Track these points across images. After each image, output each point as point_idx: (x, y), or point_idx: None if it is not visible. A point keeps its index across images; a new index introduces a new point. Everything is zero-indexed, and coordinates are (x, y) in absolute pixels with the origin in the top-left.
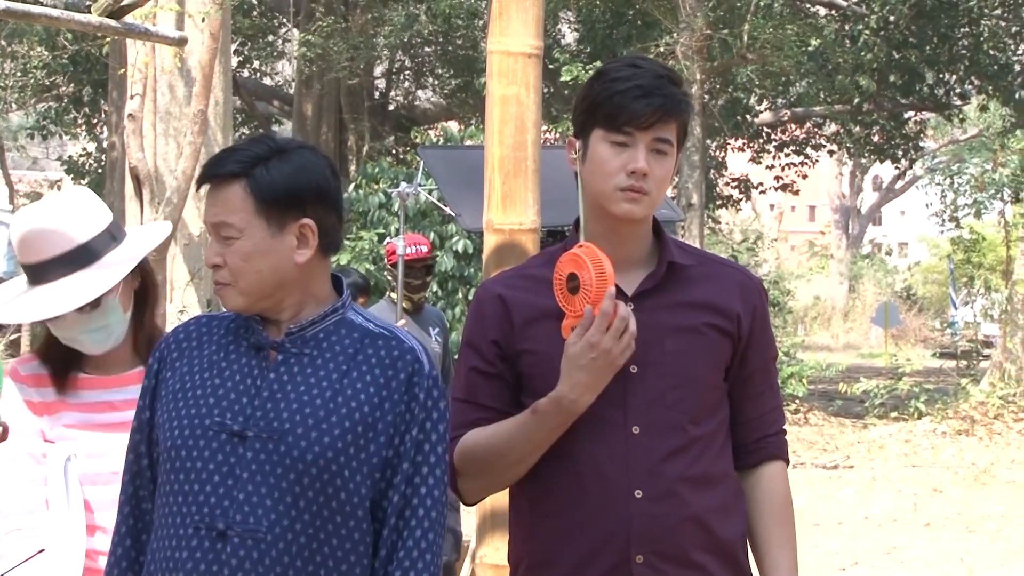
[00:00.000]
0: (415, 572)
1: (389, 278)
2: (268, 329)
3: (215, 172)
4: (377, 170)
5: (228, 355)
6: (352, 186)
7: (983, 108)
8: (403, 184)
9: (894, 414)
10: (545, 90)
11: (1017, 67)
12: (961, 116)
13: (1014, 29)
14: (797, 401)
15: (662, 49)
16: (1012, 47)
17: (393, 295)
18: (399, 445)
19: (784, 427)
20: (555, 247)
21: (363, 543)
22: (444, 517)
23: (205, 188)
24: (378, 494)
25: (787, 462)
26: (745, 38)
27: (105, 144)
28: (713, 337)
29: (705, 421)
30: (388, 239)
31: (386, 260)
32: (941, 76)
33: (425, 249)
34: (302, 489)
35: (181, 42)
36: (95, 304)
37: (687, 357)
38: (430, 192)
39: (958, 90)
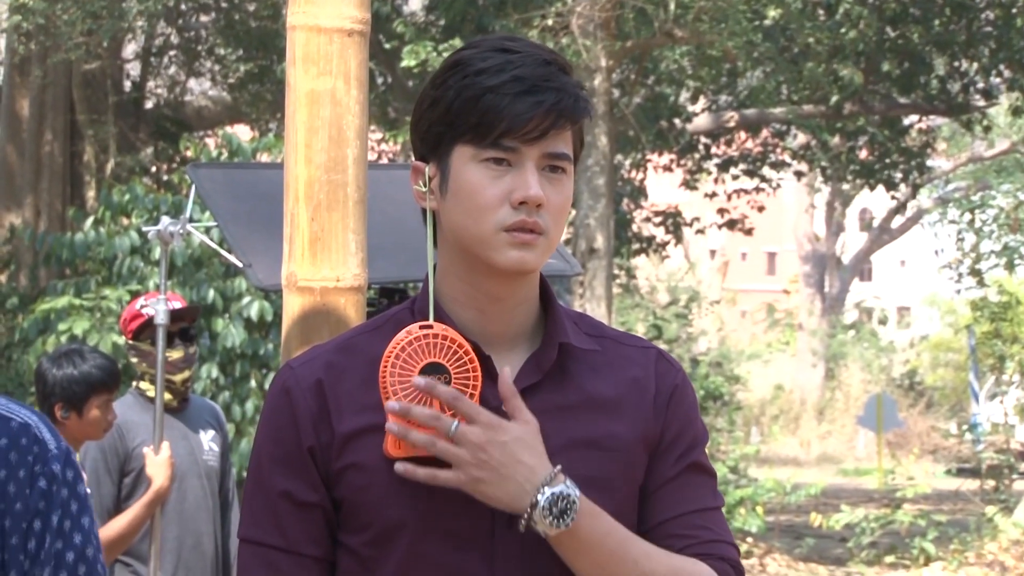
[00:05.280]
0: None
1: (135, 359)
2: None
3: None
4: (128, 198)
5: None
6: (90, 222)
7: (1016, 111)
8: (165, 219)
9: (891, 558)
10: (379, 80)
11: None
12: (985, 123)
13: None
14: (751, 539)
15: (550, 22)
16: None
17: (143, 385)
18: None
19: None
20: (396, 309)
21: None
22: None
23: None
24: None
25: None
26: (672, 6)
27: None
28: (622, 452)
29: None
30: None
31: (124, 331)
32: (956, 64)
33: (179, 306)
34: None
35: None
36: None
37: (585, 485)
38: (207, 231)
39: (980, 84)
